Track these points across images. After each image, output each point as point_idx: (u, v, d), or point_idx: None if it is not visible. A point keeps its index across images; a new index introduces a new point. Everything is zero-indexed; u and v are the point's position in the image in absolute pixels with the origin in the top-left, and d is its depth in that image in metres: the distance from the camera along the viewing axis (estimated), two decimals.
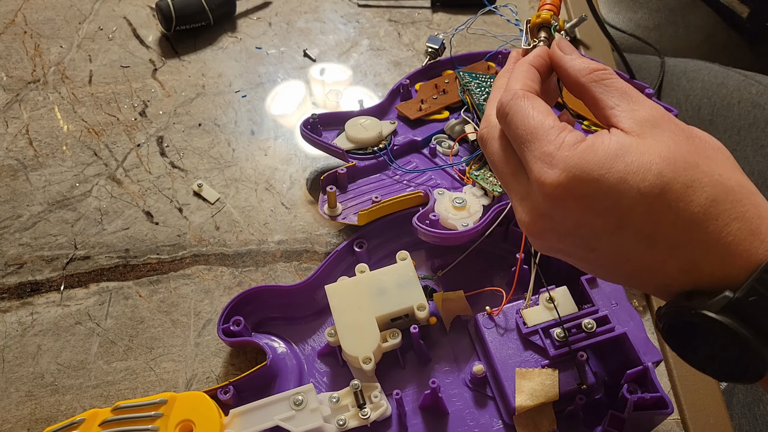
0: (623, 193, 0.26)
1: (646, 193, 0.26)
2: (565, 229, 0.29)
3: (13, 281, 0.49)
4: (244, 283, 0.49)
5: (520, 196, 0.30)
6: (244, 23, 0.67)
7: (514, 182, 0.30)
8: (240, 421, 0.39)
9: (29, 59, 0.63)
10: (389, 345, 0.41)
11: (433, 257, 0.48)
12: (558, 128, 0.28)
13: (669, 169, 0.26)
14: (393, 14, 0.68)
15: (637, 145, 0.27)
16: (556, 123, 0.29)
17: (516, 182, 0.30)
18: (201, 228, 0.52)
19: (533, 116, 0.29)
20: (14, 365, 0.45)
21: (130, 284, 0.49)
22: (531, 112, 0.29)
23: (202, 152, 0.57)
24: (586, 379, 0.39)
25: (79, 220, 0.52)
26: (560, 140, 0.28)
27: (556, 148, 0.28)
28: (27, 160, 0.56)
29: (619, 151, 0.27)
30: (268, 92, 0.61)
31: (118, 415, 0.39)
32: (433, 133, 0.54)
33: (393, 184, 0.51)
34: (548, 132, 0.28)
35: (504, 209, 0.45)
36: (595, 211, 0.27)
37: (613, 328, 0.41)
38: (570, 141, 0.28)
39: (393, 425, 0.41)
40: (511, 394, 0.39)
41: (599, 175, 0.26)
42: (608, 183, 0.26)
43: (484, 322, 0.42)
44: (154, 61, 0.63)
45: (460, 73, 0.55)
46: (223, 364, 0.45)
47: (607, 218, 0.27)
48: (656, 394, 0.38)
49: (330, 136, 0.54)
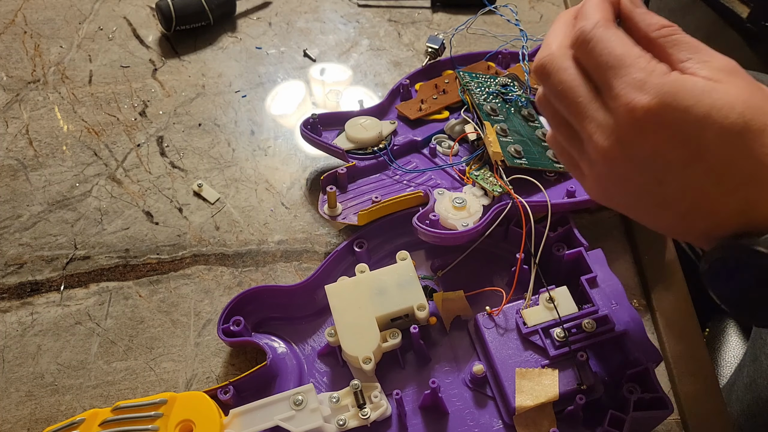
0: (707, 127, 0.27)
1: (728, 130, 0.27)
2: (641, 158, 0.29)
3: (13, 281, 0.49)
4: (244, 283, 0.49)
5: (598, 122, 0.30)
6: (244, 23, 0.67)
7: (592, 108, 0.31)
8: (240, 421, 0.39)
9: (29, 59, 0.63)
10: (389, 345, 0.41)
11: (433, 257, 0.48)
12: (647, 57, 0.29)
13: (749, 111, 0.27)
14: (393, 14, 0.68)
15: (721, 87, 0.28)
16: (644, 53, 0.29)
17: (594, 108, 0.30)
18: (201, 228, 0.52)
19: (621, 44, 0.30)
20: (14, 365, 0.45)
21: (130, 284, 0.49)
22: (617, 40, 0.30)
23: (202, 152, 0.57)
24: (586, 379, 0.39)
25: (79, 220, 0.52)
26: (651, 67, 0.28)
27: (648, 74, 0.28)
28: (27, 160, 0.56)
29: (707, 88, 0.28)
30: (268, 92, 0.61)
31: (118, 415, 0.39)
32: (433, 133, 0.53)
33: (393, 184, 0.51)
34: (638, 59, 0.29)
35: (504, 209, 0.45)
36: (677, 140, 0.28)
37: (613, 328, 0.41)
38: (661, 70, 0.28)
39: (393, 425, 0.41)
40: (511, 394, 0.39)
41: (690, 105, 0.27)
42: (696, 114, 0.27)
43: (484, 322, 0.42)
44: (154, 61, 0.63)
45: (460, 73, 0.55)
46: (223, 364, 0.45)
47: (686, 149, 0.28)
48: (656, 394, 0.38)
49: (330, 136, 0.54)
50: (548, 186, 0.48)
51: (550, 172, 0.49)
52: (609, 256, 0.46)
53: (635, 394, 0.38)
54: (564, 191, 0.48)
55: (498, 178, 0.47)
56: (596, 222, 0.52)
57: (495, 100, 0.53)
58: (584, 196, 0.47)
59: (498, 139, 0.49)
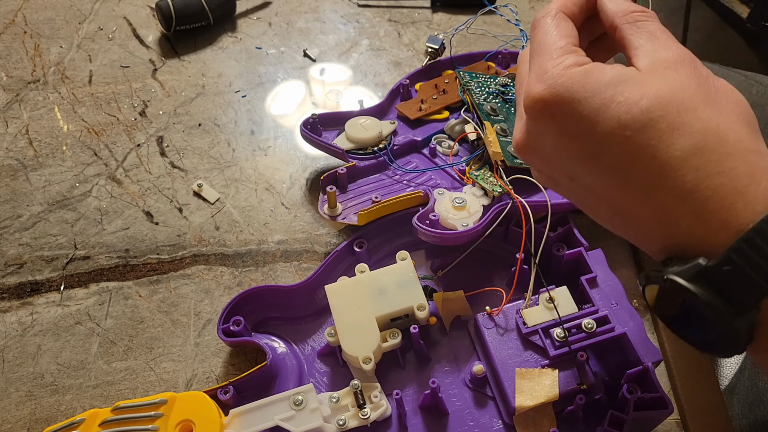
0: (601, 121, 0.26)
1: (626, 125, 0.25)
2: (546, 151, 0.29)
3: (13, 281, 0.49)
4: (244, 283, 0.49)
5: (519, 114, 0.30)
6: (244, 23, 0.67)
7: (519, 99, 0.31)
8: (240, 421, 0.39)
9: (29, 59, 0.63)
10: (389, 345, 0.41)
11: (433, 257, 0.48)
12: (565, 50, 0.28)
13: (659, 107, 0.25)
14: (393, 14, 0.68)
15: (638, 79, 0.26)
16: (569, 46, 0.28)
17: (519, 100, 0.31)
18: (201, 228, 0.52)
19: (550, 34, 0.29)
20: (14, 365, 0.45)
21: (130, 284, 0.49)
22: (551, 29, 0.29)
23: (202, 152, 0.57)
24: (586, 379, 0.39)
25: (79, 220, 0.52)
26: (560, 60, 0.28)
27: (552, 66, 0.28)
28: (27, 160, 0.56)
29: (614, 80, 0.26)
30: (268, 92, 0.61)
31: (118, 415, 0.39)
32: (433, 133, 0.53)
33: (393, 184, 0.51)
34: (554, 50, 0.28)
35: (504, 209, 0.45)
36: (570, 134, 0.27)
37: (613, 328, 0.41)
38: (568, 62, 0.27)
39: (393, 425, 0.41)
40: (511, 394, 0.39)
41: (581, 97, 0.26)
42: (588, 107, 0.26)
43: (484, 322, 0.42)
44: (154, 61, 0.63)
45: (460, 73, 0.55)
46: (223, 364, 0.45)
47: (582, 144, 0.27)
48: (656, 394, 0.38)
49: (330, 136, 0.54)
50: None
51: None
52: (609, 256, 0.46)
53: (635, 394, 0.38)
54: None
55: (498, 178, 0.47)
56: (596, 222, 0.52)
57: (495, 100, 0.53)
58: None
59: (498, 139, 0.49)
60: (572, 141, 0.27)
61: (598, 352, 0.43)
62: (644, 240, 0.28)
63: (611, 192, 0.27)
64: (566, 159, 0.28)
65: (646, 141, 0.25)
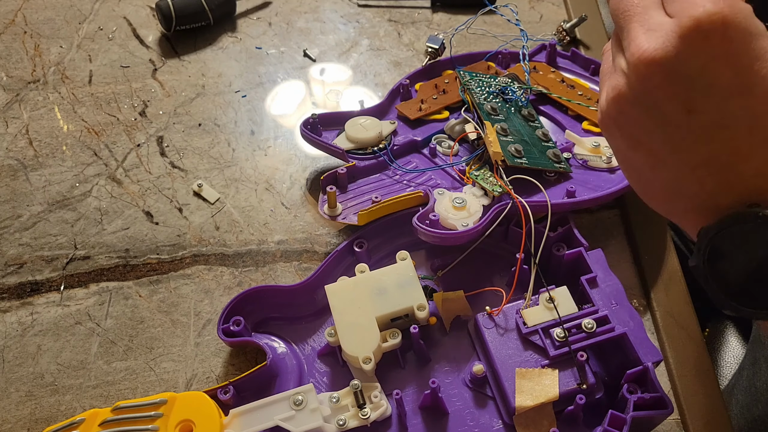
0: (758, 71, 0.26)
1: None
2: (689, 74, 0.27)
3: (13, 281, 0.49)
4: (244, 283, 0.49)
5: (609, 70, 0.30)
6: (244, 23, 0.67)
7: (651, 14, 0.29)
8: (240, 421, 0.39)
9: (29, 59, 0.63)
10: (389, 345, 0.41)
11: (433, 257, 0.48)
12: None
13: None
14: (393, 14, 0.68)
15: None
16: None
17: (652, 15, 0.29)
18: (201, 228, 0.52)
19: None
20: (14, 365, 0.45)
21: (130, 284, 0.49)
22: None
23: (202, 152, 0.57)
24: (586, 379, 0.39)
25: (79, 220, 0.52)
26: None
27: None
28: (27, 160, 0.56)
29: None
30: (268, 92, 0.61)
31: (118, 415, 0.39)
32: (433, 133, 0.54)
33: (393, 184, 0.51)
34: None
35: (504, 209, 0.45)
36: (734, 61, 0.27)
37: (613, 328, 0.41)
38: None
39: (393, 425, 0.41)
40: (511, 394, 0.39)
41: (757, 32, 0.27)
42: (762, 43, 0.26)
43: (484, 322, 0.42)
44: (154, 61, 0.63)
45: (461, 72, 0.55)
46: (223, 364, 0.45)
47: (739, 73, 0.27)
48: (656, 394, 0.38)
49: (330, 136, 0.54)
50: (548, 186, 0.48)
51: (550, 172, 0.49)
52: (609, 256, 0.46)
53: (635, 394, 0.38)
54: (564, 191, 0.48)
55: (498, 178, 0.47)
56: (596, 222, 0.52)
57: (495, 100, 0.53)
58: (584, 196, 0.47)
59: (498, 139, 0.49)
60: (731, 68, 0.27)
61: (598, 352, 0.43)
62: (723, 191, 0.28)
63: (728, 136, 0.27)
64: (708, 87, 0.27)
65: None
